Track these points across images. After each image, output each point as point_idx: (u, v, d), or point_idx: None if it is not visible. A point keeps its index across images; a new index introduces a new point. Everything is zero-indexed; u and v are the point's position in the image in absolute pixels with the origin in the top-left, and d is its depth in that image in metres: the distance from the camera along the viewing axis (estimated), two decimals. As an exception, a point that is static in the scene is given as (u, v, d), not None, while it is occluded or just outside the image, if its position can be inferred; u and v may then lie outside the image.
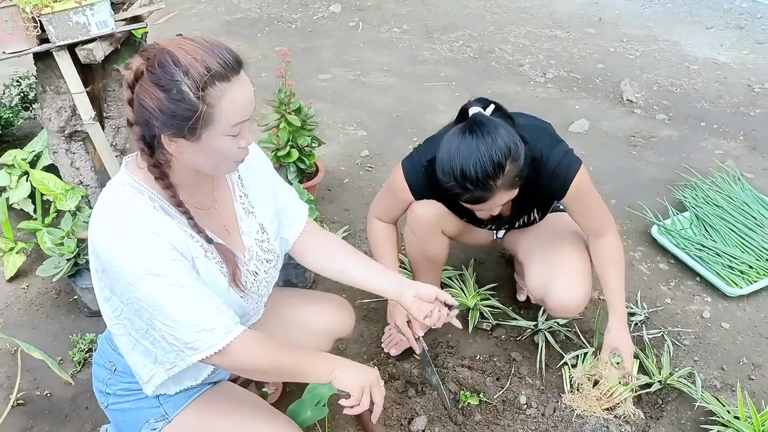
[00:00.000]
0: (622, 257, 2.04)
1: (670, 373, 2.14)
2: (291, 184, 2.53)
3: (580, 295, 2.03)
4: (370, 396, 1.48)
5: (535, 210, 2.08)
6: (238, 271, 1.45)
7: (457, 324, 1.84)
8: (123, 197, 1.30)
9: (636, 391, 2.08)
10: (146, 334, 1.40)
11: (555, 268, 2.06)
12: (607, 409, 2.03)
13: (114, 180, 1.35)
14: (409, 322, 2.02)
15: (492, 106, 1.77)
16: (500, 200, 1.74)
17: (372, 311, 2.48)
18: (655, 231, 2.78)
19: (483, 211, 1.86)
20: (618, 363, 2.01)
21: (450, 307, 1.71)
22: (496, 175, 1.64)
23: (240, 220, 1.51)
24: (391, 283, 1.68)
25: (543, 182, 1.85)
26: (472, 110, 1.74)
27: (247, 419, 1.55)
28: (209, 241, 1.38)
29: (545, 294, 2.06)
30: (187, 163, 1.31)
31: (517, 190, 1.76)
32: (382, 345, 2.32)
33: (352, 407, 1.46)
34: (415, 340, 2.00)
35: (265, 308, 1.70)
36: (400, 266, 2.62)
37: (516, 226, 2.16)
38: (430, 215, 2.02)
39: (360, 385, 1.46)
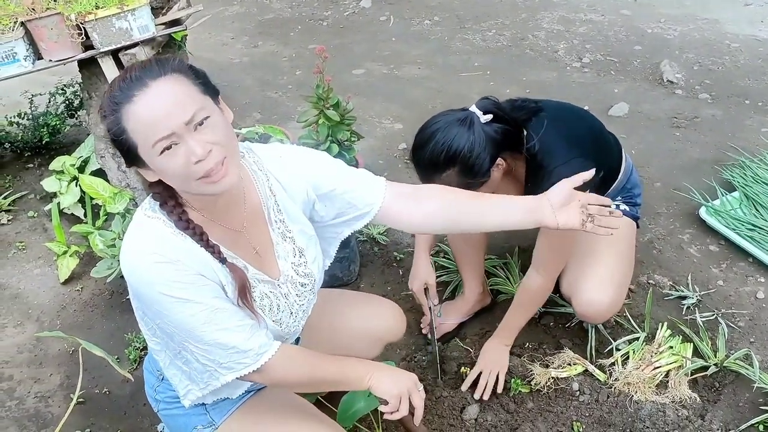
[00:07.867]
0: (538, 302, 2.07)
1: (726, 356, 2.10)
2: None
3: (608, 300, 1.95)
4: (411, 400, 1.48)
5: None
6: (248, 287, 1.36)
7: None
8: (148, 225, 1.28)
9: (691, 375, 2.05)
10: (179, 355, 1.41)
11: (587, 268, 1.99)
12: (658, 391, 2.02)
13: (144, 204, 1.33)
14: (426, 289, 2.05)
15: (490, 116, 1.72)
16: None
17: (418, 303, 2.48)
18: (703, 212, 2.72)
19: None
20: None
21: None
22: (434, 169, 1.75)
23: (276, 245, 1.46)
24: (521, 212, 1.43)
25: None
26: (472, 107, 1.74)
27: (292, 425, 1.56)
28: (222, 260, 1.31)
29: (572, 294, 2.00)
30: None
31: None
32: (421, 327, 2.34)
33: (391, 413, 1.47)
34: (429, 308, 1.99)
35: (312, 312, 1.64)
36: (444, 256, 2.62)
37: None
38: None
39: (397, 392, 1.46)
